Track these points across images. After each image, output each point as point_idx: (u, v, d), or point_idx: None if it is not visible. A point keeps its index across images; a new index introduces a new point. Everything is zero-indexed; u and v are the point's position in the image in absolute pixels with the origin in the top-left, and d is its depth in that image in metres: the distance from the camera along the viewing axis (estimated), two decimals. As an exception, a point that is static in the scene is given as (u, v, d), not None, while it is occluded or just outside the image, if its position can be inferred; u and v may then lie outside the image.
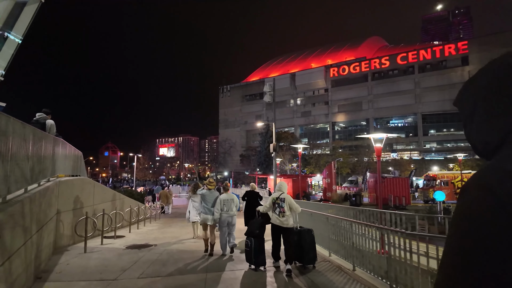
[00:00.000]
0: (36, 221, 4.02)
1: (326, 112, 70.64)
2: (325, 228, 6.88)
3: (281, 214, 5.64)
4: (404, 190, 22.05)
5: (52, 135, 5.68)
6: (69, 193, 6.58)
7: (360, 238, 5.57)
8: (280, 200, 5.73)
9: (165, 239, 8.12)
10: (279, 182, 6.24)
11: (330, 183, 21.56)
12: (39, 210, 4.28)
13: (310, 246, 5.92)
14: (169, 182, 38.88)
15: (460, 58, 58.76)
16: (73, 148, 8.18)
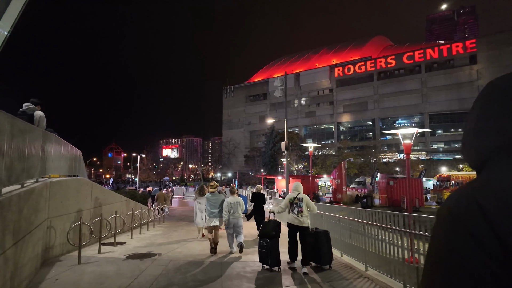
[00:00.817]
0: (12, 231, 3.25)
1: (331, 113, 69.81)
2: (338, 231, 6.84)
3: (299, 214, 5.76)
4: (418, 191, 21.09)
5: (41, 129, 4.92)
6: (62, 195, 5.82)
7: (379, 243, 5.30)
8: (298, 200, 5.83)
9: (170, 246, 7.34)
10: (295, 183, 6.25)
11: (340, 184, 20.70)
12: (19, 217, 3.52)
13: (326, 247, 5.97)
14: (172, 183, 38.20)
15: (468, 56, 57.65)
16: (69, 146, 7.44)
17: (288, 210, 5.96)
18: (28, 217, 3.96)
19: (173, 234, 9.25)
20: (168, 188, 24.08)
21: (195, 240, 8.40)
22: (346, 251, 6.54)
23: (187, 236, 9.03)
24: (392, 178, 21.89)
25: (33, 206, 4.20)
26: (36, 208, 4.41)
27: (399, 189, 21.44)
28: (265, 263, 5.73)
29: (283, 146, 12.16)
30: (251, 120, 79.99)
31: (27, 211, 3.91)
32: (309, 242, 5.80)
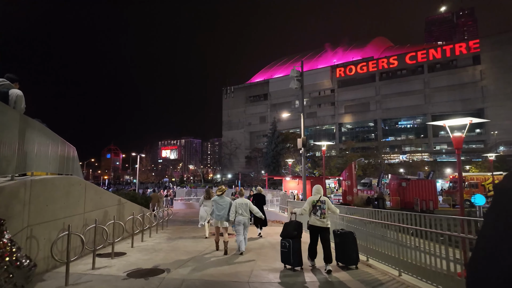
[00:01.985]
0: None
1: (333, 113, 69.03)
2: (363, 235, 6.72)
3: (322, 216, 5.89)
4: (431, 193, 20.10)
5: (19, 112, 3.79)
6: (47, 197, 4.70)
7: (417, 253, 4.96)
8: (321, 203, 5.97)
9: (179, 258, 6.19)
10: (316, 185, 6.37)
11: (350, 185, 19.64)
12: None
13: (352, 248, 6.05)
14: (172, 185, 37.05)
15: (471, 57, 57.02)
16: (61, 140, 6.31)
17: (310, 212, 6.04)
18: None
19: (180, 242, 8.11)
20: (168, 190, 22.90)
21: (206, 249, 7.25)
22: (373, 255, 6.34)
23: (196, 244, 7.88)
24: (404, 180, 20.87)
25: (1, 213, 3.08)
26: (7, 214, 3.29)
27: (412, 191, 20.43)
28: (287, 263, 5.84)
29: (300, 143, 11.07)
30: (251, 121, 79.09)
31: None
32: (329, 242, 5.92)
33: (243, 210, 7.26)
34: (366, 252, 6.46)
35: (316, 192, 6.17)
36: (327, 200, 6.14)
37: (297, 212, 6.46)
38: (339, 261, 6.12)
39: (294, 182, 17.83)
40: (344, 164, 43.10)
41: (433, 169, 44.16)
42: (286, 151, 44.12)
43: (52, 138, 5.45)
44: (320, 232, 5.93)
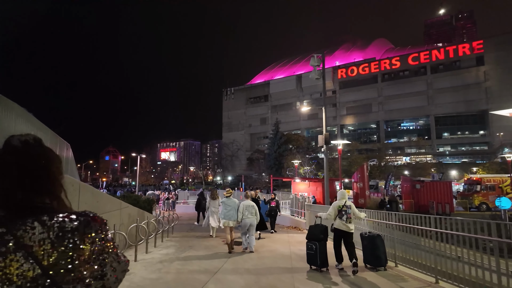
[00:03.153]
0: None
1: (334, 115, 68.28)
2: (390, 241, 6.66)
3: (348, 220, 6.07)
4: (447, 195, 19.15)
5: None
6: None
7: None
8: (346, 207, 6.14)
9: (195, 277, 5.02)
10: (341, 190, 6.59)
11: (362, 187, 18.66)
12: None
13: (380, 250, 6.11)
14: (172, 187, 36.01)
15: (474, 58, 56.45)
16: (51, 133, 5.31)
17: (335, 217, 6.20)
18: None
19: (191, 253, 7.00)
20: (170, 192, 21.82)
21: (224, 263, 6.21)
22: (403, 261, 6.27)
23: (212, 256, 6.80)
24: (418, 181, 19.92)
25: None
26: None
27: (426, 193, 19.48)
28: (314, 264, 6.07)
29: (321, 140, 10.08)
30: (252, 122, 78.30)
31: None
32: (353, 245, 6.09)
33: (249, 211, 7.70)
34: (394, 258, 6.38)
35: (341, 197, 6.31)
36: (352, 205, 6.28)
37: (322, 217, 6.62)
38: (367, 263, 6.21)
39: (304, 184, 16.81)
40: (349, 166, 42.15)
41: (440, 171, 43.35)
42: (288, 153, 43.21)
43: (39, 128, 4.46)
44: (344, 236, 6.11)
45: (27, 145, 0.97)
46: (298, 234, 10.10)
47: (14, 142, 0.96)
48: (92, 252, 0.90)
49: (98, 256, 0.91)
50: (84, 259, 0.88)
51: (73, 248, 0.86)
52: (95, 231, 0.93)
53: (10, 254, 0.81)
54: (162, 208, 21.17)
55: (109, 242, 0.96)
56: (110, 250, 0.96)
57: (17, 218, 0.87)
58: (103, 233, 0.95)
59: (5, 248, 0.81)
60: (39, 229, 0.86)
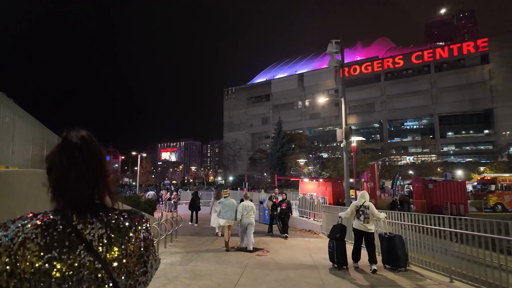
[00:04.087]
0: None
1: (336, 114, 67.42)
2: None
3: (366, 220, 6.21)
4: (461, 195, 18.34)
5: None
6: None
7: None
8: (364, 207, 6.26)
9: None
10: (362, 191, 6.83)
11: (373, 187, 17.85)
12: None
13: (401, 251, 6.06)
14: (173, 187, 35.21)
15: (479, 56, 55.59)
16: (35, 122, 4.53)
17: (354, 216, 6.30)
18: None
19: (200, 263, 6.01)
20: (172, 192, 20.96)
21: (240, 275, 5.33)
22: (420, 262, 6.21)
23: (223, 265, 5.91)
24: (431, 181, 19.09)
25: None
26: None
27: (440, 193, 18.66)
28: (332, 261, 6.25)
29: (339, 134, 9.22)
30: (253, 122, 77.62)
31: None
32: (374, 245, 6.17)
33: (248, 211, 7.98)
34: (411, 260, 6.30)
35: (361, 197, 6.42)
36: (371, 206, 6.28)
37: (342, 216, 6.71)
38: (386, 263, 6.22)
39: (312, 184, 15.98)
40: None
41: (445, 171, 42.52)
42: (291, 152, 42.42)
43: (21, 116, 3.68)
44: (364, 236, 6.17)
45: (85, 141, 0.99)
46: (315, 238, 9.34)
47: (74, 138, 0.97)
48: (140, 249, 0.95)
49: (144, 253, 0.96)
50: (135, 255, 0.92)
51: (127, 244, 0.91)
52: (144, 228, 0.98)
53: (74, 246, 0.85)
54: (164, 209, 20.36)
55: (151, 240, 1.01)
56: (152, 248, 1.00)
57: (76, 212, 0.91)
58: (148, 231, 1.00)
59: (68, 241, 0.85)
60: (98, 224, 0.90)
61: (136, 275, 0.92)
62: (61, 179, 0.92)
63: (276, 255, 7.05)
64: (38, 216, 0.88)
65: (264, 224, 12.15)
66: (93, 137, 1.03)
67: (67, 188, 0.93)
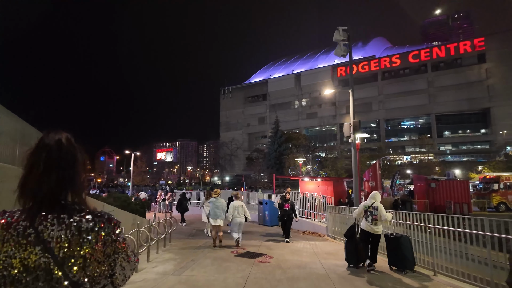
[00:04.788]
0: None
1: (334, 114, 67.20)
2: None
3: (373, 222, 6.01)
4: (465, 195, 17.89)
5: None
6: None
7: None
8: (372, 208, 6.08)
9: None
10: (373, 192, 6.57)
11: (375, 187, 17.30)
12: None
13: (408, 252, 5.94)
14: (169, 187, 34.50)
15: (476, 55, 55.64)
16: (4, 110, 3.88)
17: (362, 217, 6.20)
18: None
19: (195, 270, 5.39)
20: (167, 193, 20.26)
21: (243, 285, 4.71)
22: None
23: (224, 272, 5.32)
24: (433, 180, 18.62)
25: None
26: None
27: (443, 193, 18.19)
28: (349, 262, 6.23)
29: (347, 129, 8.63)
30: (250, 121, 77.04)
31: None
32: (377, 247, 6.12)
33: (238, 211, 8.10)
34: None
35: (371, 198, 6.25)
36: (380, 207, 6.13)
37: (353, 216, 6.66)
38: (392, 265, 6.11)
39: (313, 183, 15.40)
40: (351, 165, 40.94)
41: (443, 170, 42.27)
42: (289, 152, 41.89)
43: None
44: (371, 237, 6.04)
45: (59, 143, 1.01)
46: (321, 241, 8.66)
47: (47, 139, 1.01)
48: (104, 252, 0.96)
49: (109, 256, 0.97)
50: (96, 258, 0.93)
51: (87, 247, 0.92)
52: (108, 232, 0.98)
53: (30, 247, 0.88)
54: (158, 210, 19.64)
55: (120, 242, 1.01)
56: (120, 250, 1.00)
57: (40, 212, 0.93)
58: (115, 234, 1.00)
59: (27, 240, 0.88)
60: (58, 226, 0.92)
61: (99, 277, 0.92)
62: (31, 179, 0.94)
63: (282, 261, 6.40)
64: (5, 215, 0.91)
65: (264, 226, 11.53)
66: (71, 140, 1.03)
67: (35, 189, 0.94)
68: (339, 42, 8.32)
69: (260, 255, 6.67)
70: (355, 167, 8.77)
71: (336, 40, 8.29)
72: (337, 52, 8.46)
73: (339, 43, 8.33)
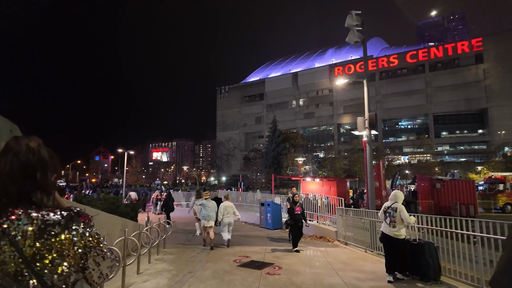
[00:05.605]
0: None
1: (331, 114, 66.78)
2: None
3: (391, 224, 5.55)
4: (471, 196, 17.29)
5: None
6: None
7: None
8: (391, 210, 5.65)
9: None
10: (395, 191, 6.15)
11: (379, 187, 16.61)
12: None
13: (432, 260, 5.36)
14: (164, 187, 33.63)
15: (473, 56, 55.52)
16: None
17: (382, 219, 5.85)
18: None
19: (195, 285, 4.59)
20: (162, 194, 19.42)
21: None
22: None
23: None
24: (438, 180, 18.02)
25: None
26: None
27: (448, 193, 17.58)
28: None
29: (361, 123, 7.86)
30: (247, 121, 76.30)
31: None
32: (410, 254, 5.54)
33: (228, 212, 8.29)
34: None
35: (392, 198, 5.84)
36: (401, 208, 5.58)
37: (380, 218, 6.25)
38: (413, 274, 5.60)
39: (315, 183, 14.69)
40: (350, 165, 40.40)
41: (442, 171, 41.90)
42: (287, 151, 41.23)
43: None
44: (392, 241, 5.54)
45: (27, 147, 1.05)
46: (331, 248, 7.73)
47: (12, 143, 1.05)
48: (73, 246, 0.96)
49: (79, 250, 0.97)
50: (64, 252, 0.94)
51: (53, 241, 0.92)
52: (77, 226, 0.99)
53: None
54: (153, 211, 18.81)
55: (92, 237, 1.01)
56: (92, 245, 1.00)
57: (8, 208, 0.95)
58: (86, 229, 1.01)
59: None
60: (24, 221, 0.93)
61: (68, 272, 0.93)
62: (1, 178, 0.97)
63: (293, 273, 5.54)
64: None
65: (266, 229, 10.75)
66: (40, 144, 1.07)
67: (2, 190, 0.97)
68: (352, 28, 7.58)
69: (267, 265, 5.91)
70: (370, 165, 8.03)
71: (348, 25, 7.56)
72: (350, 39, 7.69)
73: (352, 28, 7.59)
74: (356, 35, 7.53)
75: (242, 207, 15.65)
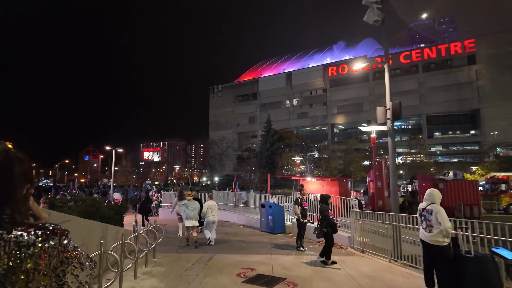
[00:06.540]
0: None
1: (325, 113, 66.52)
2: None
3: (427, 229, 4.70)
4: (474, 196, 16.79)
5: None
6: None
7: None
8: (426, 212, 4.79)
9: None
10: (430, 190, 5.12)
11: (381, 187, 15.98)
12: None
13: (495, 279, 4.12)
14: (155, 188, 32.45)
15: (466, 57, 55.91)
16: None
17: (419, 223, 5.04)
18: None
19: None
20: (154, 194, 18.32)
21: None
22: None
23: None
24: (441, 180, 17.44)
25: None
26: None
27: (451, 194, 17.02)
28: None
29: (381, 114, 7.04)
30: (240, 121, 75.44)
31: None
32: (446, 268, 4.40)
33: (212, 210, 8.43)
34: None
35: (426, 198, 4.95)
36: (437, 209, 4.62)
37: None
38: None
39: (316, 183, 13.88)
40: (346, 165, 39.92)
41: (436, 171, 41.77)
42: (281, 151, 40.49)
43: None
44: (428, 249, 4.67)
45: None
46: (347, 256, 6.75)
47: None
48: (50, 264, 0.93)
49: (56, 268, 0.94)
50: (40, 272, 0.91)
51: (29, 262, 0.89)
52: (53, 244, 0.95)
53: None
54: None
55: (69, 252, 0.98)
56: (71, 259, 0.97)
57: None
58: (62, 245, 0.96)
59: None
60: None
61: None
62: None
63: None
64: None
65: (269, 234, 9.80)
66: (8, 152, 0.97)
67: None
68: (371, 5, 6.74)
69: (278, 280, 4.96)
70: (393, 162, 7.21)
71: (366, 3, 6.72)
72: (368, 18, 6.85)
73: (371, 6, 6.75)
74: (376, 13, 6.70)
75: (238, 208, 14.73)
